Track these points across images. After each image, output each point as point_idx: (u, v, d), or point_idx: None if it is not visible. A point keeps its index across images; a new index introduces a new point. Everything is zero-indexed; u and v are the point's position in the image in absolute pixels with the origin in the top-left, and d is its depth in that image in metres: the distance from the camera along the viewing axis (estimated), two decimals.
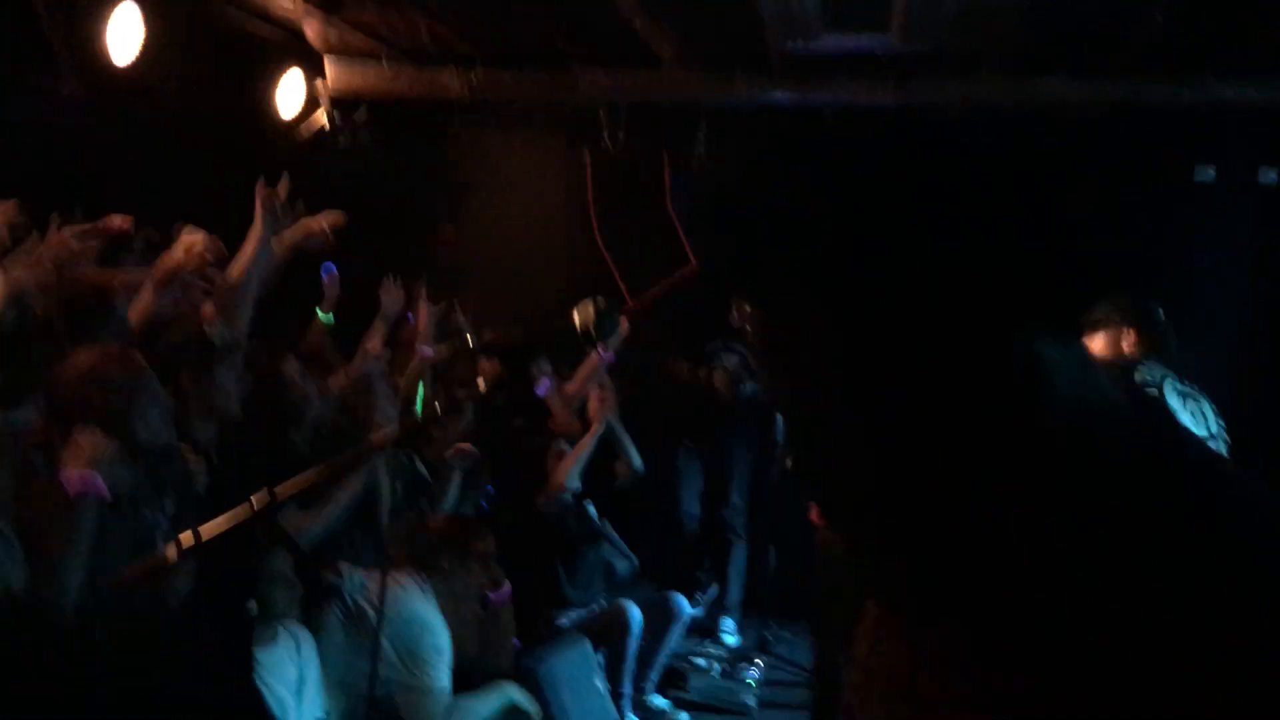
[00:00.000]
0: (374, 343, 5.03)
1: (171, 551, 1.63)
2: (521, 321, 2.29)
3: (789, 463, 5.31)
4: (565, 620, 5.20)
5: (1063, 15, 5.09)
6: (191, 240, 3.81)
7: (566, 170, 7.18)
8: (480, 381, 1.86)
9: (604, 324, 1.80)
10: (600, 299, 1.82)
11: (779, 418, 5.79)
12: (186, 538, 1.62)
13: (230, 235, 4.01)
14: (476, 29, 5.84)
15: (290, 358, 4.29)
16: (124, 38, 4.58)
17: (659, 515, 6.59)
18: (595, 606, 5.37)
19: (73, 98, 4.45)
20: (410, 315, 5.46)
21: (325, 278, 5.13)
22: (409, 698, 3.69)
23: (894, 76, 5.83)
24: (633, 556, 5.88)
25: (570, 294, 6.91)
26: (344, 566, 3.87)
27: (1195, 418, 3.93)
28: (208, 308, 3.87)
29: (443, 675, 3.76)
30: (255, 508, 1.65)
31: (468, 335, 5.23)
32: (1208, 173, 6.18)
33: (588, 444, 5.31)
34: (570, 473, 5.25)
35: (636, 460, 5.69)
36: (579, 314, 1.80)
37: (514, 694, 4.04)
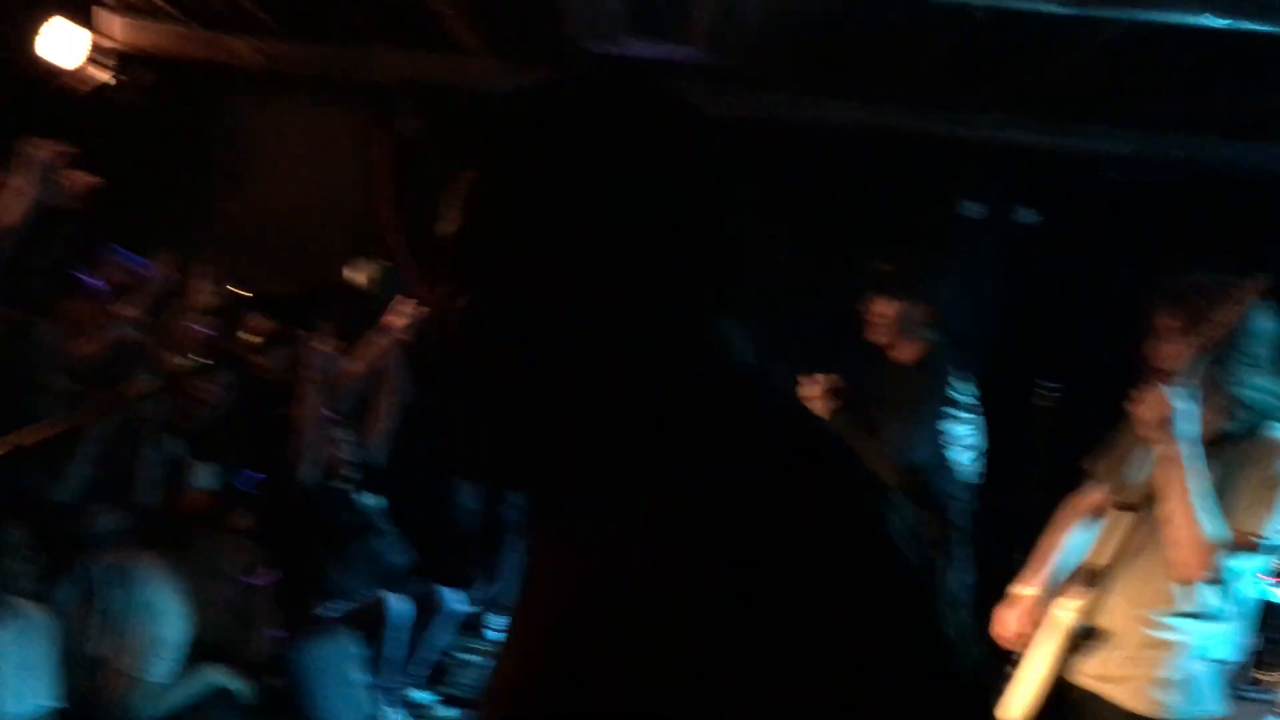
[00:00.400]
0: (129, 310, 4.73)
1: None
2: (299, 278, 2.19)
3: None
4: (328, 610, 5.06)
5: (849, 40, 5.30)
6: None
7: (359, 148, 7.01)
8: (250, 337, 1.78)
9: (386, 284, 1.77)
10: (380, 261, 1.78)
11: None
12: None
13: None
14: None
15: (40, 321, 4.03)
16: None
17: (434, 508, 6.50)
18: (360, 598, 5.25)
19: None
20: (179, 285, 5.20)
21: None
22: (115, 683, 3.54)
23: (694, 86, 5.94)
24: (405, 549, 5.78)
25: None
26: (87, 543, 3.67)
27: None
28: None
29: (157, 666, 3.61)
30: None
31: (235, 289, 4.99)
32: (973, 208, 6.55)
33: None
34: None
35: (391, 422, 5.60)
36: (358, 272, 1.76)
37: (217, 678, 3.91)
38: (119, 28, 6.14)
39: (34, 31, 5.56)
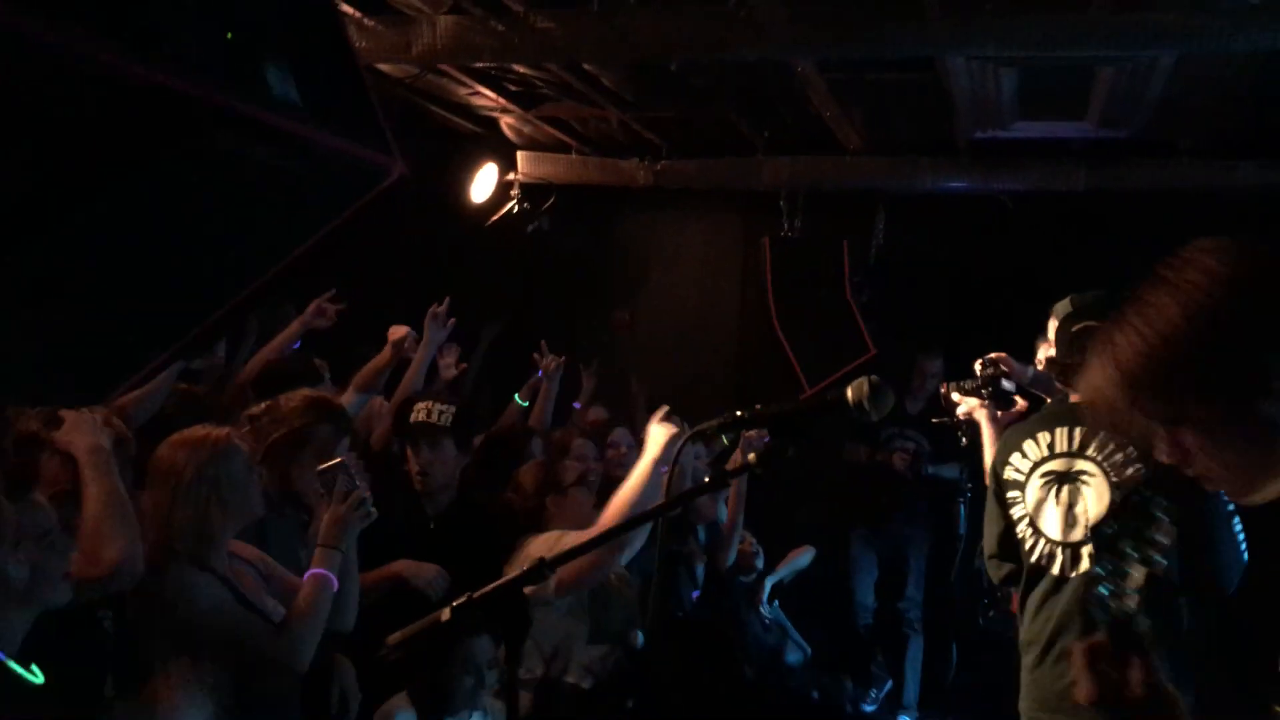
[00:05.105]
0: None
1: (445, 613, 1.68)
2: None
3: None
4: None
5: (1259, 103, 4.96)
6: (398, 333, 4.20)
7: (742, 254, 7.26)
8: (751, 456, 1.88)
9: (877, 400, 1.81)
10: (874, 378, 1.83)
11: (961, 508, 5.63)
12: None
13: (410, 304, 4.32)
14: (665, 121, 5.98)
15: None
16: None
17: (832, 604, 6.47)
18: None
19: None
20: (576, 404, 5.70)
21: (540, 373, 5.25)
22: None
23: (1087, 162, 5.74)
24: (805, 646, 5.78)
25: (742, 378, 6.92)
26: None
27: None
28: None
29: None
30: (527, 571, 1.70)
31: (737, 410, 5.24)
32: None
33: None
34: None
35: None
36: (852, 390, 1.82)
37: None
38: (524, 161, 6.70)
39: (464, 178, 6.17)
